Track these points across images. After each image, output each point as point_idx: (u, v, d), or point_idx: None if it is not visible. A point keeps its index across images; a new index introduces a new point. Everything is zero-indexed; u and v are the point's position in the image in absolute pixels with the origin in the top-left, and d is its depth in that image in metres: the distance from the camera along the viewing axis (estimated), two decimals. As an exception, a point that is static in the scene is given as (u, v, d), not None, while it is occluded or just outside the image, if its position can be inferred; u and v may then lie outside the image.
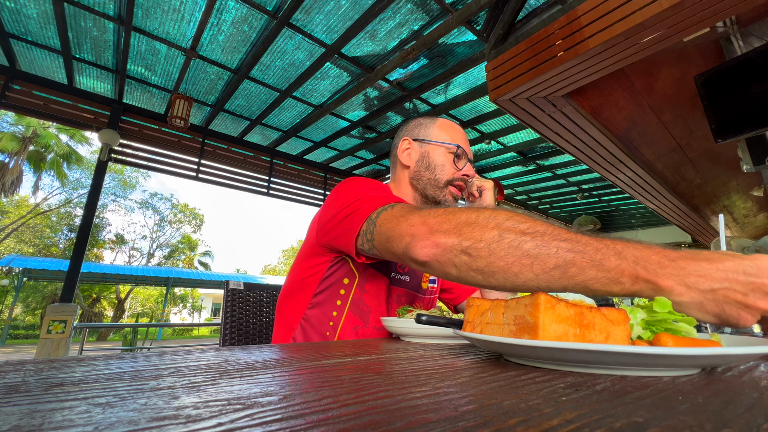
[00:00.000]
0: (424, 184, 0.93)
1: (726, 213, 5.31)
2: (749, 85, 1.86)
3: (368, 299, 0.81)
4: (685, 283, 0.41)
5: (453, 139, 0.94)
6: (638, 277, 0.43)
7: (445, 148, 0.93)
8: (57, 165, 15.14)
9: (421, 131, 0.96)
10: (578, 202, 7.60)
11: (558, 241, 0.46)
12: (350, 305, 0.81)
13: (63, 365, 0.32)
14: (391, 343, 0.58)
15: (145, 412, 0.18)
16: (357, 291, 0.81)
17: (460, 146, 0.93)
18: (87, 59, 3.51)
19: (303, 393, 0.23)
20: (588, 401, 0.22)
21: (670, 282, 0.41)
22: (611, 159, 3.51)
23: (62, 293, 3.55)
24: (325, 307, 0.81)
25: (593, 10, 1.98)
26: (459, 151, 0.93)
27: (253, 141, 5.06)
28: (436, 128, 0.95)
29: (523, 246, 0.47)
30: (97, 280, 15.09)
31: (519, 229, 0.48)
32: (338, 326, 0.80)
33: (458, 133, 0.97)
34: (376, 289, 0.83)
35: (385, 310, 0.83)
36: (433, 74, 3.64)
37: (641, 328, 0.37)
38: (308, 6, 2.80)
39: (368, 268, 0.83)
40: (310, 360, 0.38)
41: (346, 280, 0.81)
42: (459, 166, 0.93)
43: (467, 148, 0.96)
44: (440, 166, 0.92)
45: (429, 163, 0.93)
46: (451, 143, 0.93)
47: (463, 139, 0.96)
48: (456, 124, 0.99)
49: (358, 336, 0.80)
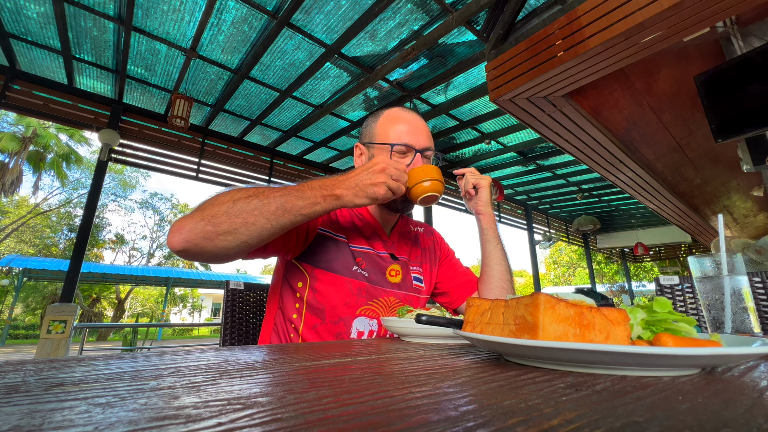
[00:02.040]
0: None
1: (726, 213, 5.31)
2: (749, 85, 1.86)
3: (320, 298, 0.83)
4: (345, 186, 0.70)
5: (396, 136, 0.87)
6: (324, 195, 0.69)
7: (387, 148, 0.88)
8: (57, 165, 15.13)
9: (366, 133, 0.93)
10: (578, 202, 7.60)
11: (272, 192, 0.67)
12: (306, 306, 0.83)
13: (63, 365, 0.32)
14: (391, 343, 0.58)
15: (145, 412, 0.18)
16: (310, 292, 0.84)
17: (400, 143, 0.87)
18: (87, 59, 3.51)
19: (303, 393, 0.23)
20: (588, 401, 0.22)
21: (340, 190, 0.70)
22: (611, 159, 3.51)
23: (62, 293, 3.55)
24: (287, 311, 0.85)
25: (593, 10, 1.98)
26: (398, 148, 0.87)
27: (253, 141, 5.06)
28: (379, 127, 0.91)
29: (251, 203, 0.65)
30: (97, 280, 15.09)
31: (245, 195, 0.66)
32: (300, 326, 0.83)
33: (402, 125, 0.89)
34: (326, 287, 0.83)
35: (341, 305, 0.83)
36: (433, 74, 3.64)
37: (641, 328, 0.37)
38: (308, 6, 2.80)
39: (316, 268, 0.84)
40: (310, 360, 0.38)
41: (300, 284, 0.84)
42: (406, 164, 0.87)
43: (416, 138, 0.88)
44: None
45: None
46: (392, 143, 0.87)
47: (409, 129, 0.89)
48: (401, 114, 0.92)
49: (318, 333, 0.82)
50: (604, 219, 9.09)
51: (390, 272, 0.92)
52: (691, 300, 1.30)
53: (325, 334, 0.82)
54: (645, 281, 17.11)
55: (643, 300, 0.44)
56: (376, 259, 0.90)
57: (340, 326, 0.82)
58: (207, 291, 24.70)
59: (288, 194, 0.67)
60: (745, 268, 0.62)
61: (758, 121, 1.82)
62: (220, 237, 0.64)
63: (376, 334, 0.85)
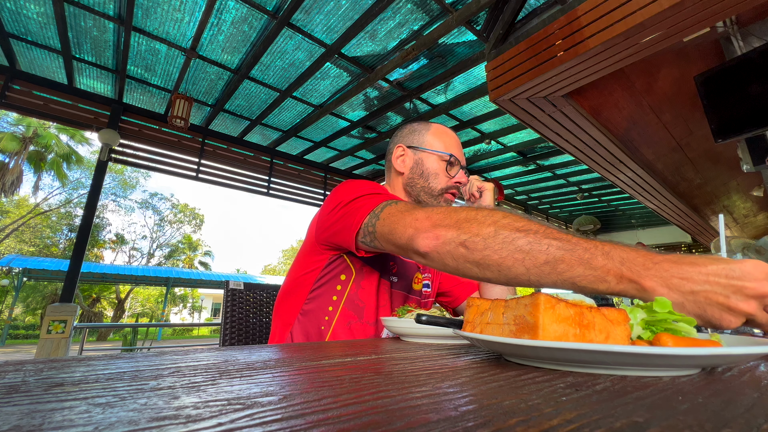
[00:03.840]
0: (418, 191, 0.94)
1: (726, 213, 5.31)
2: (749, 85, 1.86)
3: (363, 295, 0.84)
4: (667, 284, 0.42)
5: (447, 147, 0.95)
6: (623, 276, 0.44)
7: (438, 156, 0.94)
8: (57, 165, 15.14)
9: (415, 138, 0.97)
10: (578, 202, 7.60)
11: (549, 239, 0.49)
12: (346, 300, 0.83)
13: (63, 365, 0.32)
14: (391, 343, 0.58)
15: (145, 412, 0.18)
16: (353, 287, 0.84)
17: (453, 155, 0.94)
18: (87, 59, 3.51)
19: (303, 393, 0.23)
20: (588, 401, 0.22)
21: (653, 283, 0.43)
22: (611, 159, 3.51)
23: (62, 293, 3.55)
24: (322, 301, 0.84)
25: (593, 10, 1.98)
26: (452, 159, 0.94)
27: (253, 141, 5.06)
28: (430, 135, 0.96)
29: (517, 242, 0.50)
30: (97, 280, 15.09)
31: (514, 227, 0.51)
32: (333, 320, 0.82)
33: (452, 140, 0.97)
34: (370, 285, 0.85)
35: (376, 307, 0.85)
36: (433, 74, 3.64)
37: (641, 328, 0.37)
38: (308, 6, 2.80)
39: (365, 265, 0.84)
40: (310, 360, 0.38)
41: (343, 276, 0.84)
42: (452, 174, 0.95)
43: (460, 155, 0.97)
44: (434, 175, 0.94)
45: (423, 171, 0.94)
46: (444, 152, 0.94)
47: (457, 145, 0.97)
48: (449, 130, 0.99)
49: (351, 330, 0.82)
50: (604, 219, 9.09)
51: (415, 280, 0.95)
52: (691, 300, 1.30)
53: (358, 333, 0.82)
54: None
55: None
56: (406, 265, 0.92)
57: (374, 328, 0.84)
58: (207, 291, 24.70)
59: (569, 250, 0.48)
60: (745, 268, 0.62)
61: (758, 121, 1.82)
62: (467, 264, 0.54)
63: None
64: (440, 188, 0.94)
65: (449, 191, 0.95)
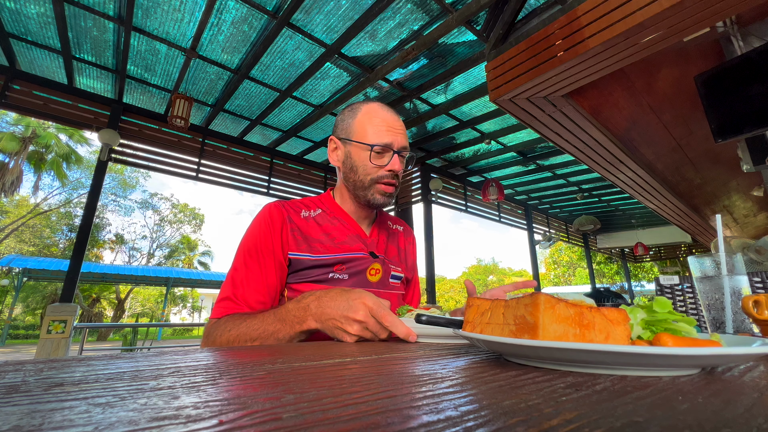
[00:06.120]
0: (352, 185, 0.90)
1: (726, 213, 5.31)
2: (749, 85, 1.86)
3: None
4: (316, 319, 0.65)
5: (375, 133, 0.86)
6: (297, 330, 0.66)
7: (365, 147, 0.87)
8: (57, 165, 15.14)
9: (343, 128, 0.91)
10: (578, 202, 7.60)
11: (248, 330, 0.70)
12: None
13: (63, 365, 0.32)
14: (391, 343, 0.58)
15: (145, 412, 0.18)
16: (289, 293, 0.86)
17: (380, 143, 0.86)
18: (87, 59, 3.51)
19: (303, 393, 0.23)
20: (588, 401, 0.22)
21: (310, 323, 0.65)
22: (611, 159, 3.51)
23: (62, 293, 3.55)
24: None
25: (593, 10, 1.98)
26: (376, 149, 0.86)
27: (253, 141, 5.06)
28: (357, 124, 0.89)
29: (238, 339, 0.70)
30: (97, 280, 15.09)
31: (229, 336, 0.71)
32: None
33: (380, 122, 0.88)
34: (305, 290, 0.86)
35: None
36: (433, 74, 3.64)
37: (641, 328, 0.37)
38: (308, 6, 2.80)
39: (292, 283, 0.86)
40: (310, 360, 0.38)
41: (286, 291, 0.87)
42: (382, 164, 0.87)
43: (393, 137, 0.87)
44: (362, 167, 0.87)
45: (352, 165, 0.89)
46: (369, 143, 0.86)
47: (387, 127, 0.87)
48: (379, 110, 0.90)
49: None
50: (604, 219, 9.09)
51: (370, 271, 0.91)
52: (691, 300, 1.30)
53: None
54: (644, 281, 17.09)
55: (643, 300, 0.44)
56: (355, 261, 0.89)
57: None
58: (207, 291, 24.68)
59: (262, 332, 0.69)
60: (744, 268, 0.62)
61: (758, 121, 1.82)
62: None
63: None
64: (370, 179, 0.87)
65: (381, 182, 0.88)
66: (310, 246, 0.86)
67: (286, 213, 0.88)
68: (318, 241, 0.87)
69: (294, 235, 0.86)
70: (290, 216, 0.88)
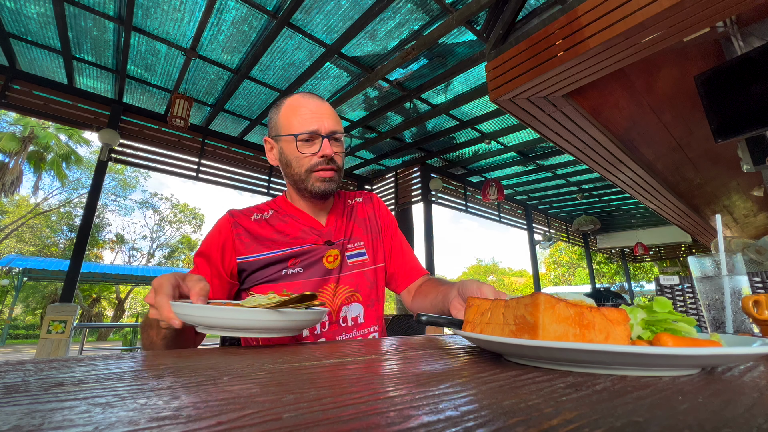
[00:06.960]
0: (292, 180, 0.90)
1: (726, 213, 5.31)
2: (749, 85, 1.86)
3: None
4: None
5: (300, 123, 0.85)
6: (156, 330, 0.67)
7: (293, 138, 0.86)
8: (57, 165, 15.13)
9: (272, 126, 0.91)
10: (578, 202, 7.60)
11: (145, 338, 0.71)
12: None
13: (63, 365, 0.32)
14: (391, 343, 0.58)
15: (145, 412, 0.18)
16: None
17: (305, 131, 0.85)
18: (87, 59, 3.51)
19: (303, 393, 0.23)
20: (588, 401, 0.22)
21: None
22: (611, 159, 3.51)
23: (62, 293, 3.55)
24: None
25: (593, 10, 1.98)
26: (301, 136, 0.85)
27: (253, 141, 5.06)
28: (282, 118, 0.88)
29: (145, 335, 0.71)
30: (97, 280, 15.08)
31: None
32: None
33: (303, 110, 0.87)
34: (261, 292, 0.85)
35: None
36: (433, 74, 3.64)
37: (641, 328, 0.37)
38: (308, 6, 2.80)
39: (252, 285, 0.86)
40: (309, 360, 0.38)
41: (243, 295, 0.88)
42: (314, 151, 0.86)
43: (318, 122, 0.86)
44: (294, 159, 0.87)
45: (286, 160, 0.89)
46: (294, 133, 0.85)
47: (311, 114, 0.86)
48: (300, 100, 0.89)
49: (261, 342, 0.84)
50: (604, 219, 9.09)
51: (327, 259, 0.90)
52: (691, 300, 1.30)
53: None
54: (644, 281, 17.08)
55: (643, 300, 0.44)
56: (308, 253, 0.89)
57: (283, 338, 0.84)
58: (207, 291, 24.62)
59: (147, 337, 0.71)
60: (744, 268, 0.62)
61: (758, 121, 1.82)
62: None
63: (328, 324, 0.85)
64: (305, 170, 0.87)
65: (316, 169, 0.87)
66: (261, 244, 0.87)
67: (233, 220, 0.89)
68: (270, 240, 0.88)
69: (241, 239, 0.86)
70: (238, 221, 0.89)
